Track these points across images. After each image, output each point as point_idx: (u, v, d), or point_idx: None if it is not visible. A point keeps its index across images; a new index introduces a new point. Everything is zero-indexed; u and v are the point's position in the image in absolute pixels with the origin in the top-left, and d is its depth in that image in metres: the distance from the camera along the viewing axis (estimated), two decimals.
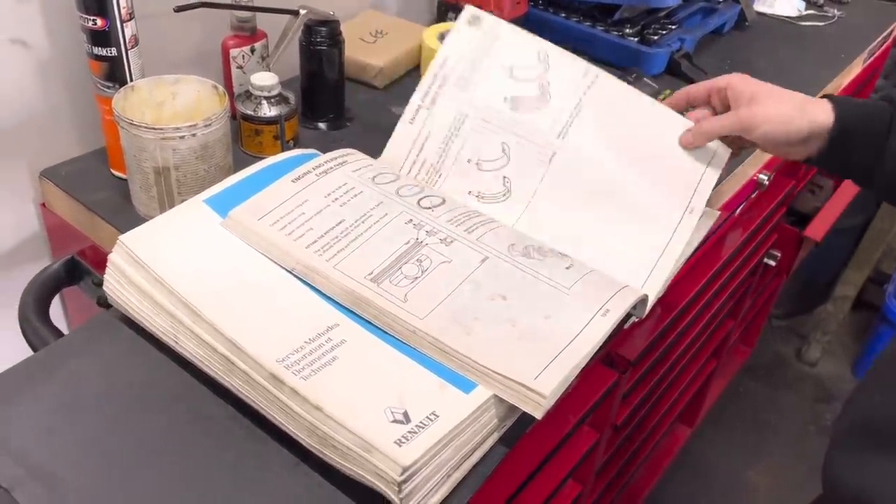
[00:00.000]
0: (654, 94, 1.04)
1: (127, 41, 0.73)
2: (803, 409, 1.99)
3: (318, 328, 0.59)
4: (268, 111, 0.84)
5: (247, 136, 0.86)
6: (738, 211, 1.16)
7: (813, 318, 2.17)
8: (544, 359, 0.56)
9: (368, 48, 1.04)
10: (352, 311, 0.60)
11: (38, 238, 0.88)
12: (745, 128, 0.72)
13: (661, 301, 0.70)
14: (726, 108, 0.75)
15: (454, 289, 0.61)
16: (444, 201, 0.71)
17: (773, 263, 1.41)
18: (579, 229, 0.75)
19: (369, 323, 0.60)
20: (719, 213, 0.83)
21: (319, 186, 0.69)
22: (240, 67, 0.89)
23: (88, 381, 0.59)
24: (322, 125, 0.94)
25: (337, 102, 0.94)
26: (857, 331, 2.23)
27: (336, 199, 0.68)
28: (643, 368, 1.04)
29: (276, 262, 0.63)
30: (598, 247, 0.73)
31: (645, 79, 1.07)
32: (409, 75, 1.08)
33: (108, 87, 0.75)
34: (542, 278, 0.63)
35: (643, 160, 0.76)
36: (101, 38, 0.72)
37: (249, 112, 0.84)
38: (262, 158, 0.85)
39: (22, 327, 0.75)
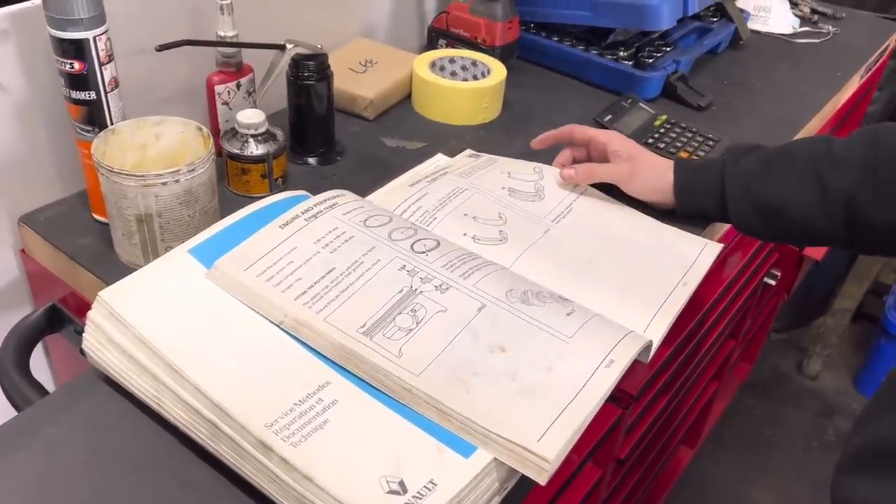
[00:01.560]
0: (651, 120, 1.02)
1: (106, 84, 0.70)
2: (805, 424, 1.97)
3: (308, 387, 0.56)
4: (255, 149, 0.81)
5: (233, 176, 0.83)
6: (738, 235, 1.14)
7: (812, 331, 2.16)
8: (547, 418, 0.53)
9: (358, 79, 1.01)
10: (344, 368, 0.58)
11: (18, 285, 0.85)
12: (622, 181, 0.85)
13: None
14: (600, 156, 0.87)
15: (451, 340, 0.59)
16: (438, 244, 0.68)
17: (773, 283, 1.39)
18: (580, 272, 0.73)
19: (362, 380, 0.57)
20: (721, 245, 0.82)
21: (309, 232, 0.67)
22: (225, 104, 0.86)
23: (69, 447, 0.56)
24: (312, 160, 0.91)
25: (327, 136, 0.92)
26: (857, 343, 2.21)
27: (326, 245, 0.66)
28: (646, 401, 1.01)
29: (263, 316, 0.61)
30: (600, 289, 0.71)
31: (640, 103, 1.04)
32: (401, 105, 1.06)
33: (88, 131, 0.72)
34: (542, 326, 0.60)
35: (640, 242, 0.81)
36: (79, 81, 0.69)
37: (236, 151, 0.81)
38: (249, 198, 0.83)
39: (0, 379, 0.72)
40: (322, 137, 0.91)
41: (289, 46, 0.84)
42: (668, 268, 0.76)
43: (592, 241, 0.79)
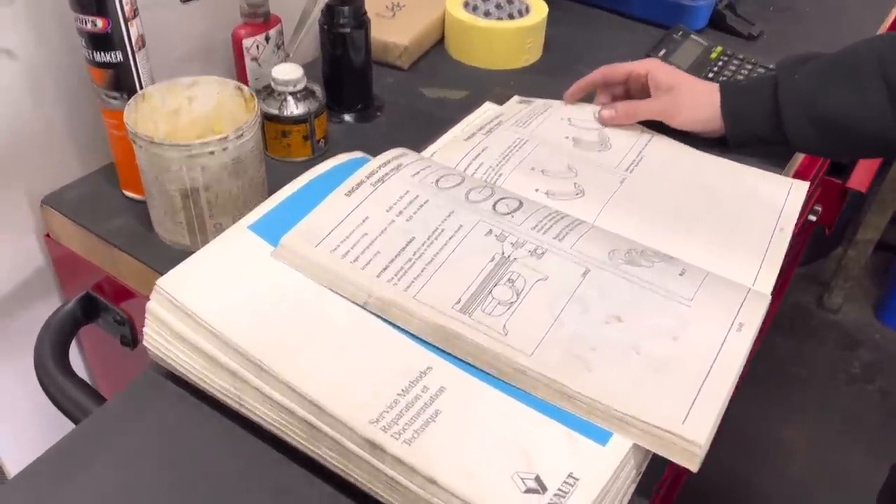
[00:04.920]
0: (707, 52, 0.95)
1: (133, 43, 0.62)
2: (830, 358, 1.95)
3: (409, 375, 0.49)
4: (294, 109, 0.74)
5: (272, 139, 0.76)
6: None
7: (832, 263, 2.12)
8: (687, 395, 0.47)
9: (388, 25, 0.93)
10: (444, 350, 0.51)
11: (44, 274, 0.77)
12: (667, 115, 0.78)
13: None
14: (641, 91, 0.80)
15: (559, 312, 0.52)
16: (521, 203, 0.61)
17: (814, 219, 1.34)
18: (670, 224, 0.67)
19: (467, 363, 0.51)
20: (808, 183, 0.76)
21: (378, 198, 0.60)
22: (254, 59, 0.78)
23: (143, 459, 0.50)
24: (349, 118, 0.83)
25: (365, 91, 0.84)
26: (874, 273, 2.18)
27: (400, 212, 0.59)
28: None
29: (344, 297, 0.54)
30: (695, 242, 0.65)
31: (692, 35, 0.97)
32: (435, 51, 0.98)
33: (115, 98, 0.64)
34: (656, 290, 0.54)
35: (723, 186, 0.74)
36: (102, 41, 0.61)
37: (274, 111, 0.74)
38: (291, 163, 0.76)
39: (40, 379, 0.66)
40: (360, 92, 0.83)
41: None
42: (760, 213, 0.70)
43: (673, 188, 0.72)
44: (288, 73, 0.73)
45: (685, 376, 0.48)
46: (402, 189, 0.61)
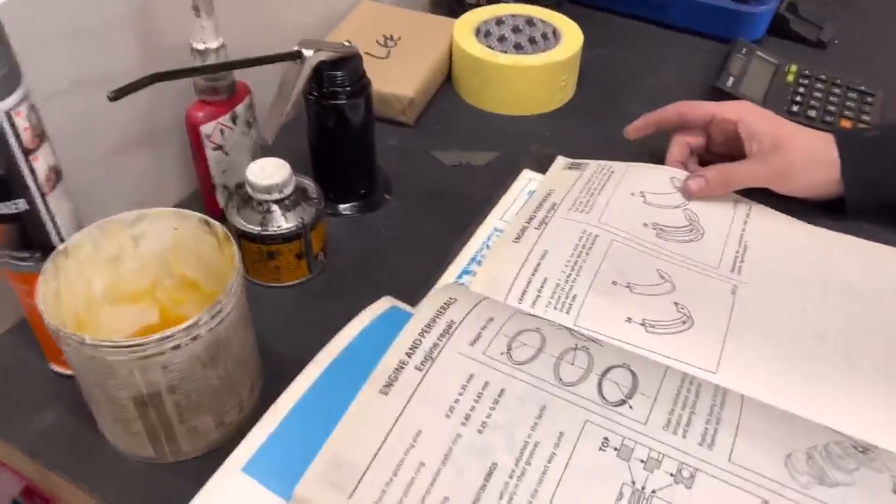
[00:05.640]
0: (780, 74, 0.77)
1: (42, 181, 0.41)
2: None
3: None
4: (283, 222, 0.53)
5: (254, 262, 0.55)
6: None
7: None
8: None
9: (384, 68, 0.72)
10: None
11: None
12: (777, 182, 0.61)
13: None
14: (726, 142, 0.63)
15: None
16: (636, 379, 0.42)
17: None
18: (817, 363, 0.49)
19: None
20: None
21: (429, 395, 0.41)
22: (219, 148, 0.57)
23: None
24: (347, 210, 0.63)
25: (369, 172, 0.63)
26: None
27: (467, 417, 0.40)
28: None
29: None
30: (857, 393, 0.47)
31: (758, 52, 0.78)
32: (442, 92, 0.77)
33: (24, 259, 0.44)
34: None
35: (857, 281, 0.56)
36: None
37: (254, 229, 0.53)
38: (280, 288, 0.56)
39: None
40: (363, 175, 0.63)
41: (307, 53, 0.55)
42: None
43: (801, 296, 0.54)
44: (270, 175, 0.52)
45: None
46: (463, 373, 0.42)
